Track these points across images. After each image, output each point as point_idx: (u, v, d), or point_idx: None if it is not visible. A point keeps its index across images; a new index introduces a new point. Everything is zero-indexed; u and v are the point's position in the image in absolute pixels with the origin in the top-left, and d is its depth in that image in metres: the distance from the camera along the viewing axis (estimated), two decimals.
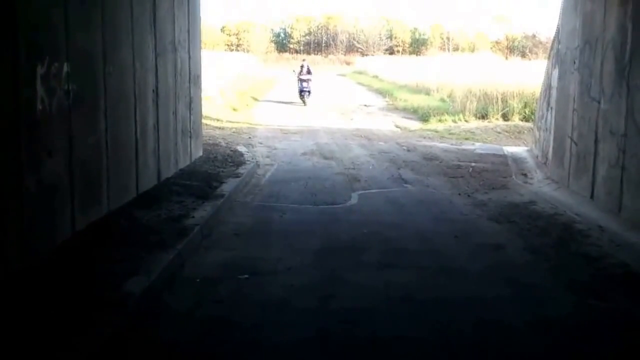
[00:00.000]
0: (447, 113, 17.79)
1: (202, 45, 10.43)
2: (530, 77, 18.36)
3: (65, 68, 4.95)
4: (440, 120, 17.21)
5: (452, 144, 13.31)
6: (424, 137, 14.55)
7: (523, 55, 44.66)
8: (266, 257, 5.50)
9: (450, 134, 15.07)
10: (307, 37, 71.96)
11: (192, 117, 9.38)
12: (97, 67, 5.66)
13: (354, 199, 8.05)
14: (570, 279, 5.07)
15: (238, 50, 57.19)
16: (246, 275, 4.98)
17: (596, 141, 7.03)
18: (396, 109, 21.21)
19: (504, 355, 3.77)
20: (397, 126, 17.04)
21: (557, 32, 9.24)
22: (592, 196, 7.07)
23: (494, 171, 10.01)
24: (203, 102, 10.92)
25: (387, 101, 23.93)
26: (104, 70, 5.79)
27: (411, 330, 4.04)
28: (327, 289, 4.77)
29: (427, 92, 23.29)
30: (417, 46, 66.20)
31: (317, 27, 72.29)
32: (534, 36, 49.39)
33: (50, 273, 4.36)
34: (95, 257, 4.76)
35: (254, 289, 4.73)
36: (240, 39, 66.87)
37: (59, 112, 4.88)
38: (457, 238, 6.26)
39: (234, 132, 14.13)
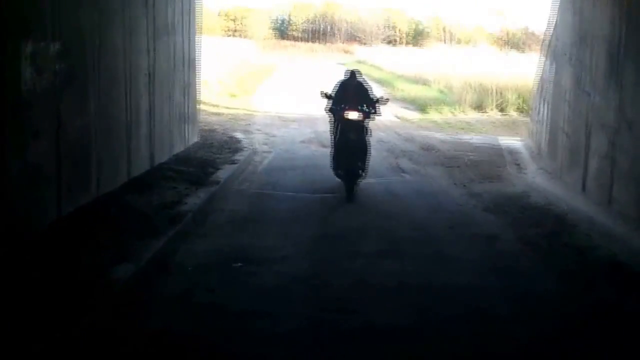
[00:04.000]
0: (445, 104, 17.76)
1: (200, 30, 10.27)
2: (526, 70, 18.29)
3: (54, 47, 4.83)
4: (438, 111, 17.21)
5: (449, 135, 13.28)
6: (422, 128, 14.49)
7: (520, 49, 44.57)
8: (261, 245, 5.48)
9: (447, 124, 15.04)
10: (308, 25, 71.58)
11: (188, 102, 9.25)
12: (87, 47, 5.54)
13: None
14: (561, 269, 5.12)
15: (237, 36, 56.78)
16: (240, 264, 4.95)
17: (588, 134, 7.06)
18: (395, 99, 21.07)
19: (494, 344, 3.79)
20: (395, 116, 16.95)
21: (552, 27, 9.32)
22: (583, 188, 7.12)
23: (490, 162, 10.01)
24: (200, 88, 10.76)
25: (386, 91, 23.79)
26: (95, 50, 5.64)
27: (405, 318, 4.05)
28: (322, 277, 4.77)
29: (426, 83, 23.19)
30: (416, 37, 65.87)
31: (317, 15, 71.89)
32: (530, 31, 49.34)
33: (34, 258, 4.25)
34: (82, 242, 4.67)
35: (247, 277, 4.71)
36: (239, 24, 66.38)
37: (46, 92, 4.76)
38: (452, 228, 6.29)
39: (231, 119, 14.02)
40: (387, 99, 7.91)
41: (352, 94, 7.49)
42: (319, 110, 12.96)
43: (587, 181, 7.01)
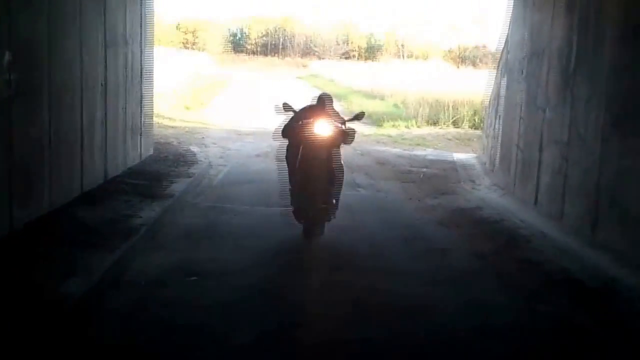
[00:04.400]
0: (401, 119, 17.99)
1: (157, 42, 10.21)
2: (481, 86, 18.72)
3: (7, 57, 4.71)
4: (393, 126, 17.37)
5: (404, 150, 13.43)
6: (378, 142, 14.62)
7: (474, 64, 45.62)
8: (216, 259, 5.42)
9: (403, 139, 15.21)
10: (265, 39, 71.67)
11: (142, 114, 9.14)
12: (41, 57, 5.43)
13: None
14: (514, 283, 5.18)
15: (194, 49, 56.41)
16: (194, 277, 4.87)
17: (541, 149, 7.18)
18: (351, 113, 21.25)
19: (447, 356, 3.81)
20: None
21: (506, 42, 9.44)
22: (535, 203, 7.23)
23: (444, 177, 10.14)
24: (156, 100, 10.66)
25: (342, 105, 23.99)
26: (49, 60, 5.54)
27: (359, 333, 4.04)
28: (276, 291, 4.73)
29: (382, 98, 23.45)
30: (372, 52, 66.71)
31: (274, 28, 72.08)
32: (484, 46, 50.64)
33: None
34: (32, 257, 4.54)
35: (202, 291, 4.64)
36: (196, 37, 65.95)
37: None
38: (406, 242, 6.33)
39: (186, 132, 13.88)
40: (363, 113, 6.63)
41: (319, 113, 5.82)
42: (276, 123, 12.41)
43: (539, 195, 7.12)
